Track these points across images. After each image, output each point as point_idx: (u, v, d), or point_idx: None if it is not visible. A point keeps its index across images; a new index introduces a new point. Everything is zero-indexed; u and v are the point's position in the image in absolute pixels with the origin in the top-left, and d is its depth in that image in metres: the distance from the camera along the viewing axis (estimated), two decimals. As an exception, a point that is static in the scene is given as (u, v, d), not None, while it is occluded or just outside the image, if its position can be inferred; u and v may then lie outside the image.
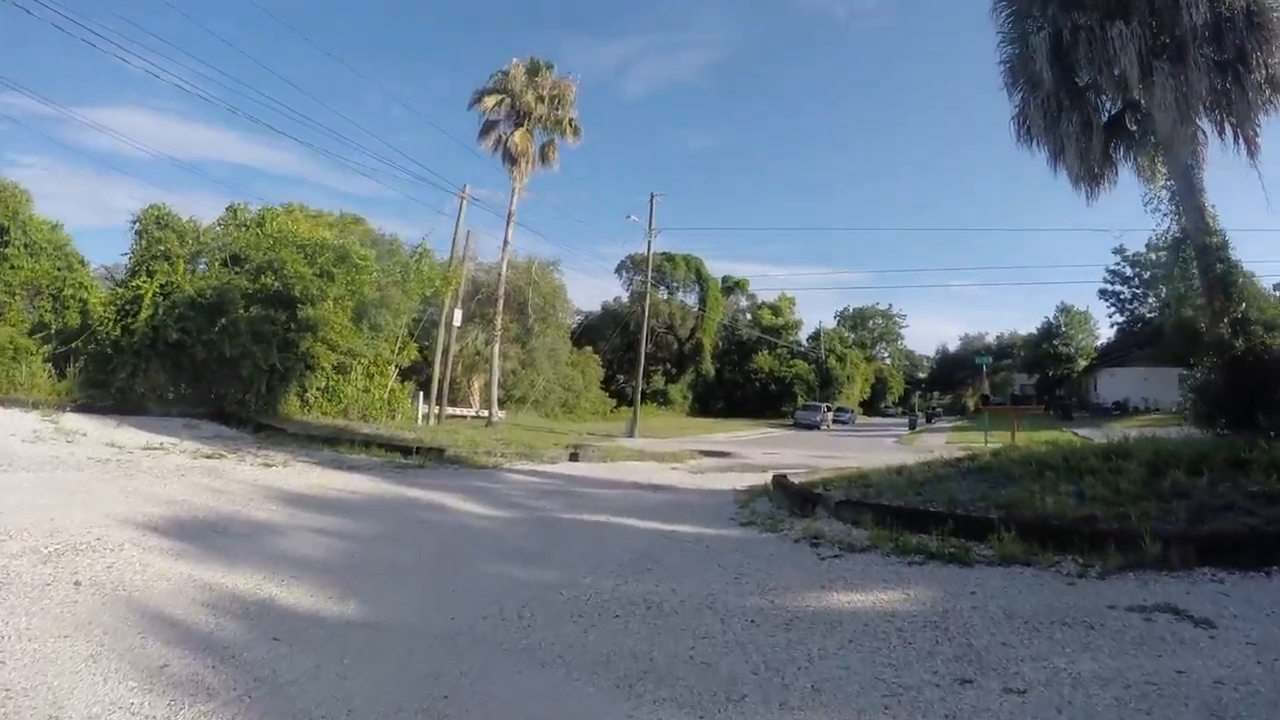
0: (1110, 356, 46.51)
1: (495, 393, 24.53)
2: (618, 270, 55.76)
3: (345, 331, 16.47)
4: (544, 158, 26.41)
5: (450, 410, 31.70)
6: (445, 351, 21.16)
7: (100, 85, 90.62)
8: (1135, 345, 45.09)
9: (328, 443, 11.61)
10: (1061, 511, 5.62)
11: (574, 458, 13.10)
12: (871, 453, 20.31)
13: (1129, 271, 55.95)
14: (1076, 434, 24.51)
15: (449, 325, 20.59)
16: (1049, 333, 57.75)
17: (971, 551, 5.09)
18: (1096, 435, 23.94)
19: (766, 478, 11.16)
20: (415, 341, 20.77)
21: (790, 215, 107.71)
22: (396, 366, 20.04)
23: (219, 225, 18.89)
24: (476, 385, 34.14)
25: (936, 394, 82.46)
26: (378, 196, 62.97)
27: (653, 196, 27.42)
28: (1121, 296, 56.56)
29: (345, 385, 17.90)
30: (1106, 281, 56.88)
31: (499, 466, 11.09)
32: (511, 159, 25.38)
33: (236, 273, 16.76)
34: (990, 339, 71.84)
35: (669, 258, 54.65)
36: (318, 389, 17.39)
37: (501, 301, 25.03)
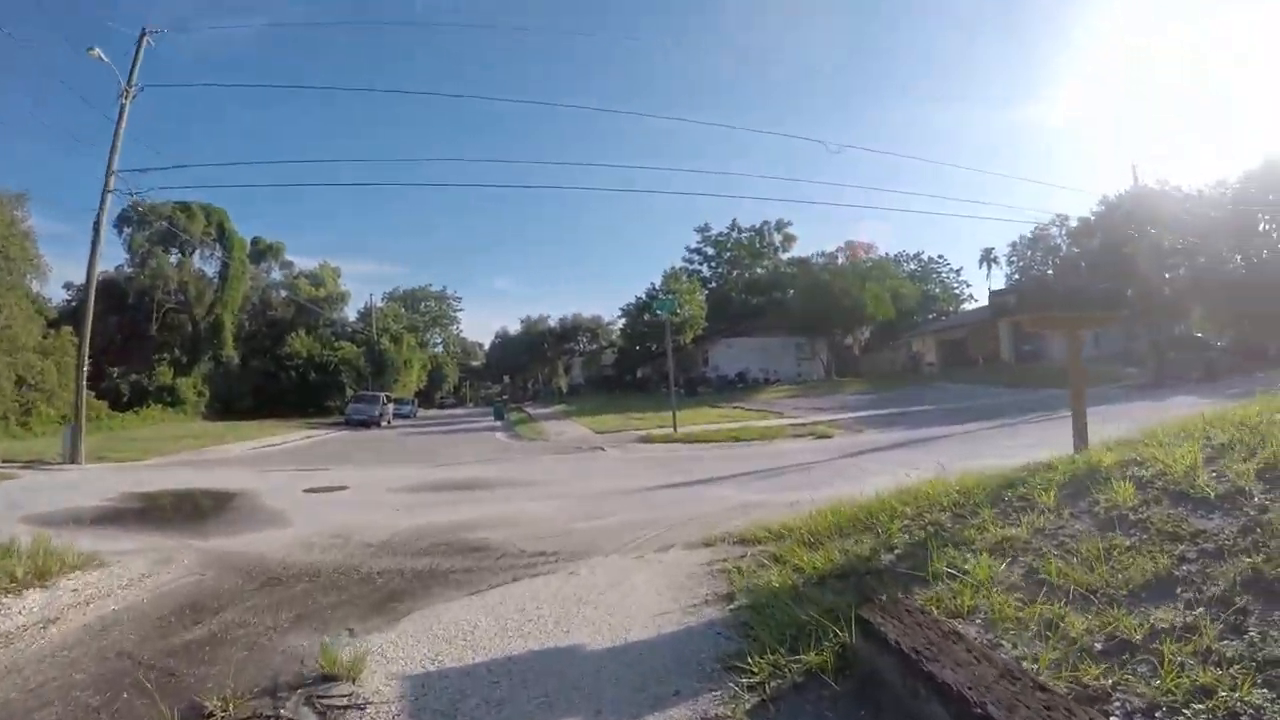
0: (730, 327, 47.22)
1: None
2: (116, 224, 38.67)
3: None
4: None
5: None
6: None
7: None
8: (743, 315, 47.82)
9: None
10: None
11: None
12: (510, 464, 13.58)
13: (711, 250, 61.68)
14: (740, 409, 21.55)
15: None
16: (651, 302, 53.84)
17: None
18: (792, 412, 19.88)
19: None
20: None
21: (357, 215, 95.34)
22: None
23: None
24: None
25: (508, 380, 77.11)
26: None
27: (144, 33, 16.99)
28: (703, 275, 61.05)
29: None
30: (687, 261, 61.25)
31: None
32: None
33: None
34: (553, 321, 71.19)
35: (184, 208, 39.81)
36: None
37: None
